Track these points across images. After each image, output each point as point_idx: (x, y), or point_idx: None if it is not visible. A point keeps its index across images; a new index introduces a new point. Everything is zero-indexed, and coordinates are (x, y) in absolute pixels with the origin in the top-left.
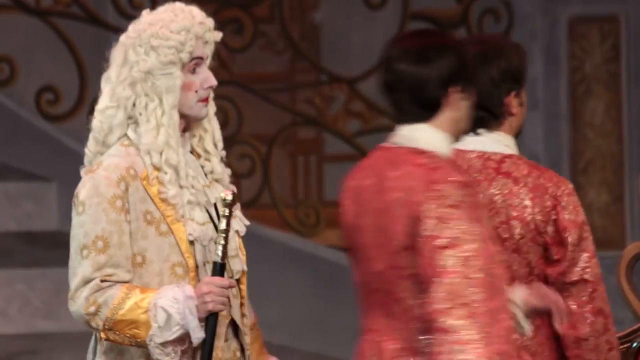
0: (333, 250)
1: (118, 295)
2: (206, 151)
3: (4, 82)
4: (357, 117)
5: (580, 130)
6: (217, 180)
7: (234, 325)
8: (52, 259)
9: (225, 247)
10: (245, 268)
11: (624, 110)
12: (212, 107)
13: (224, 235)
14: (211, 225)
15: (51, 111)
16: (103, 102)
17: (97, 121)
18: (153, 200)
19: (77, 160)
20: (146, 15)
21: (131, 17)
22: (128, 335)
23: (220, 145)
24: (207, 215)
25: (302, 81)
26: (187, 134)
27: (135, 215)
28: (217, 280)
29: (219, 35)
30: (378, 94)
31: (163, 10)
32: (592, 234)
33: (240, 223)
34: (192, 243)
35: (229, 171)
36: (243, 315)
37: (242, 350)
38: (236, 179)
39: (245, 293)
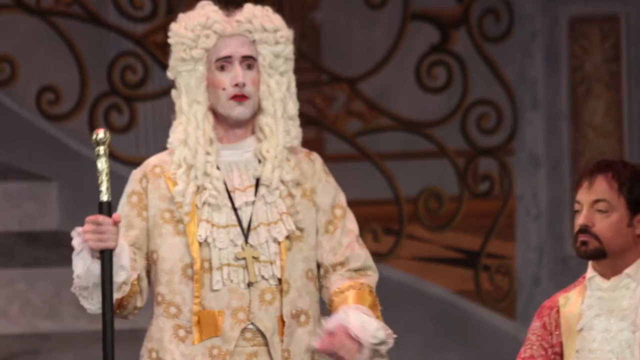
0: None
1: None
2: (263, 156)
3: (4, 81)
4: (358, 116)
5: (580, 129)
6: (266, 186)
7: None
8: (53, 258)
9: (103, 186)
10: (279, 275)
11: (624, 110)
12: (279, 119)
13: (101, 175)
14: (235, 229)
15: (52, 111)
16: None
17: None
18: (174, 199)
19: (77, 159)
20: (182, 14)
21: (131, 17)
22: None
23: (278, 152)
24: (233, 218)
25: (302, 81)
26: (241, 133)
27: (153, 212)
28: (91, 217)
29: (279, 34)
30: (378, 94)
31: (196, 8)
32: None
33: (281, 228)
34: (202, 244)
35: (285, 177)
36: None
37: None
38: None
39: (278, 301)
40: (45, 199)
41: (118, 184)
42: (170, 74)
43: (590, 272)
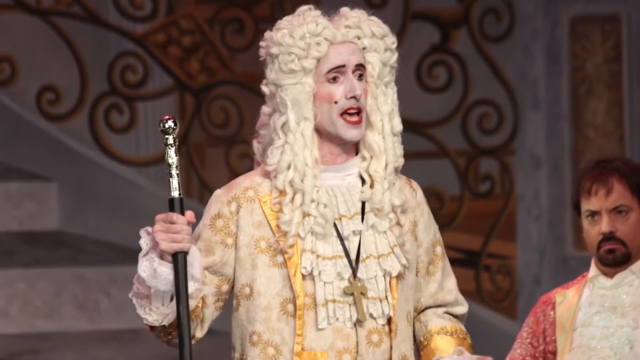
0: None
1: None
2: (370, 176)
3: (4, 81)
4: None
5: (581, 130)
6: (378, 210)
7: None
8: (53, 258)
9: (174, 181)
10: (391, 313)
11: (625, 110)
12: (387, 135)
13: (171, 169)
14: (342, 261)
15: (52, 111)
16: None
17: (256, 141)
18: (271, 227)
19: (77, 159)
20: (280, 21)
21: (132, 17)
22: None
23: (388, 173)
24: (340, 249)
25: None
26: (344, 154)
27: (246, 240)
28: (162, 215)
29: (389, 40)
30: None
31: (296, 14)
32: None
33: (394, 262)
34: (306, 277)
35: (395, 201)
36: None
37: None
38: (235, 178)
39: (389, 342)
40: (46, 199)
41: (118, 184)
42: (266, 89)
43: (593, 270)
